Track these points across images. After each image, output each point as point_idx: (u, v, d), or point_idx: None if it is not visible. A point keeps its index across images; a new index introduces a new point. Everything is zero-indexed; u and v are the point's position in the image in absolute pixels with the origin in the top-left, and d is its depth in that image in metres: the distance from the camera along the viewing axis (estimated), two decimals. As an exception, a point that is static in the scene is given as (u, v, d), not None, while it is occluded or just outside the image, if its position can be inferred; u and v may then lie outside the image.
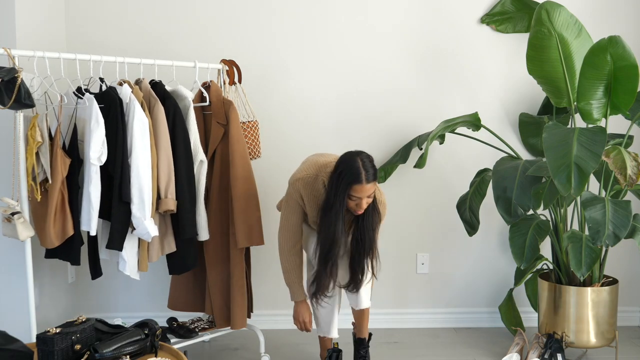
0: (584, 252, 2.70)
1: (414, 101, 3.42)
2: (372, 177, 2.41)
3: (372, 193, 2.43)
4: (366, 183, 2.39)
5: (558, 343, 2.84)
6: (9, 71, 2.21)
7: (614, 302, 2.91)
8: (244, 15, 3.35)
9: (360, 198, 2.41)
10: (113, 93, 2.48)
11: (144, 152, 2.48)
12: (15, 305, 2.79)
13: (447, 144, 3.40)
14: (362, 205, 2.43)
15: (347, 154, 2.48)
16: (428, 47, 3.41)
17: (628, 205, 2.63)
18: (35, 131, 2.35)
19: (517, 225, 2.92)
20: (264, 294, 3.43)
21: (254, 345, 3.16)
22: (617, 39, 2.66)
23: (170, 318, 2.95)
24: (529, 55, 2.97)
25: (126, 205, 2.48)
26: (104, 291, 3.44)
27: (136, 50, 3.29)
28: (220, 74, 3.01)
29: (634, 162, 2.61)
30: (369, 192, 2.41)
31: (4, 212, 2.36)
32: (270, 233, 3.07)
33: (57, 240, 2.42)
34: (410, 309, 3.53)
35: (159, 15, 3.34)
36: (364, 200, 2.43)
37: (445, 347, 3.21)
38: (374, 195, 2.47)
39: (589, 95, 2.81)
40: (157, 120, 2.55)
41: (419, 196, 3.48)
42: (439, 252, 3.51)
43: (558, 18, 2.87)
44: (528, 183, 2.85)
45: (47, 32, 3.10)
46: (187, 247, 2.70)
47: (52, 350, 1.83)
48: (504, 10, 3.35)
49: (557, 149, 2.58)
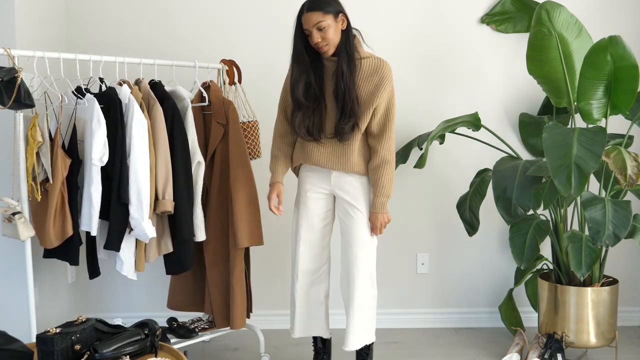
0: (584, 252, 2.70)
1: (414, 101, 3.42)
2: (312, 3, 2.39)
3: (319, 23, 2.38)
4: (307, 11, 2.39)
5: (558, 343, 2.84)
6: (8, 71, 2.21)
7: (614, 302, 2.91)
8: (244, 16, 3.35)
9: (310, 30, 2.40)
10: (112, 93, 2.48)
11: (142, 153, 2.47)
12: (15, 305, 2.79)
13: (447, 144, 3.40)
14: (314, 37, 2.40)
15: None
16: (428, 47, 3.41)
17: (628, 206, 2.63)
18: (36, 131, 2.35)
19: (517, 225, 2.92)
20: (264, 294, 3.43)
21: (254, 345, 3.15)
22: (617, 39, 2.66)
23: (170, 318, 2.95)
24: (529, 55, 2.97)
25: (124, 206, 2.48)
26: (103, 291, 3.44)
27: (136, 50, 3.29)
28: (220, 74, 3.01)
29: (634, 162, 2.61)
30: (314, 21, 2.38)
31: (4, 212, 2.36)
32: (270, 233, 3.07)
33: (57, 240, 2.42)
34: (410, 309, 3.53)
35: (159, 15, 3.34)
36: (315, 33, 2.40)
37: (445, 347, 3.21)
38: (330, 31, 2.40)
39: (589, 95, 2.81)
40: (156, 121, 2.55)
41: (419, 196, 3.48)
42: (439, 252, 3.51)
43: (558, 18, 2.87)
44: (528, 183, 2.85)
45: (47, 32, 3.10)
46: (184, 248, 2.70)
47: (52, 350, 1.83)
48: (504, 10, 3.35)
49: (557, 149, 2.58)
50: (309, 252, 2.64)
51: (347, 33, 2.47)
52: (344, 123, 2.45)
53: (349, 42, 2.46)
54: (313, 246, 2.64)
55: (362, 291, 2.57)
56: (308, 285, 2.66)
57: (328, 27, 2.40)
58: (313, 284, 2.67)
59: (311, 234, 2.63)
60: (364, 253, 2.56)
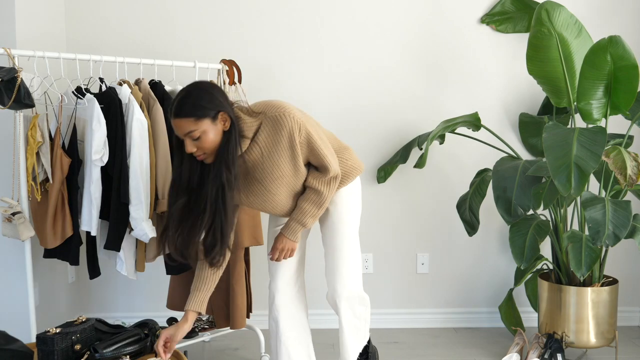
0: (584, 252, 2.70)
1: (414, 101, 3.42)
2: (181, 107, 1.90)
3: (191, 133, 1.91)
4: (174, 117, 1.92)
5: (558, 343, 2.84)
6: (8, 71, 2.22)
7: (614, 302, 2.91)
8: (244, 15, 3.35)
9: (181, 137, 1.95)
10: (112, 93, 2.48)
11: (142, 153, 2.48)
12: (15, 305, 2.79)
13: (447, 144, 3.40)
14: (187, 147, 1.93)
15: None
16: (428, 47, 3.41)
17: (628, 205, 2.63)
18: (36, 131, 2.35)
19: (517, 225, 2.92)
20: (264, 294, 3.43)
21: (254, 345, 3.16)
22: (617, 39, 2.66)
23: (170, 318, 2.95)
24: (529, 55, 2.97)
25: (124, 206, 2.48)
26: (104, 291, 3.44)
27: (136, 50, 3.29)
28: (220, 74, 3.01)
29: (634, 162, 2.61)
30: (184, 130, 1.91)
31: (4, 212, 2.36)
32: (270, 233, 3.07)
33: (57, 240, 2.42)
34: (410, 309, 3.53)
35: (159, 15, 3.34)
36: (188, 142, 1.93)
37: (445, 347, 3.21)
38: (207, 138, 1.92)
39: (589, 95, 2.81)
40: (156, 121, 2.55)
41: (419, 196, 3.48)
42: (439, 252, 3.51)
43: (558, 18, 2.87)
44: (528, 183, 2.85)
45: (47, 32, 3.10)
46: (186, 248, 2.70)
47: (52, 350, 1.83)
48: (504, 10, 3.35)
49: (557, 149, 2.58)
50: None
51: (229, 134, 1.96)
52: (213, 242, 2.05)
53: (229, 147, 1.96)
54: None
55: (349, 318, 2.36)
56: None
57: (204, 134, 1.92)
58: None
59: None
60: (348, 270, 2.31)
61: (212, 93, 1.95)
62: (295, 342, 2.36)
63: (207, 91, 1.95)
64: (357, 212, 2.36)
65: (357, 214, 2.36)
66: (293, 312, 2.37)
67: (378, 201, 3.44)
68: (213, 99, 1.94)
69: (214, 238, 2.03)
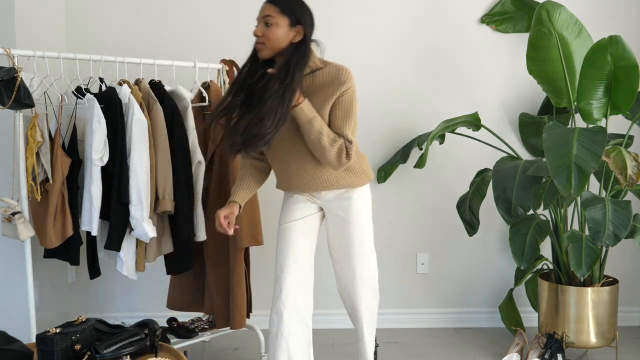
0: (584, 252, 2.70)
1: (414, 101, 3.42)
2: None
3: (268, 17, 2.12)
4: (266, 2, 2.16)
5: (558, 343, 2.84)
6: (8, 71, 2.21)
7: (614, 302, 2.91)
8: (244, 15, 3.35)
9: (258, 20, 2.17)
10: (112, 93, 2.48)
11: (142, 153, 2.48)
12: (15, 305, 2.79)
13: (447, 144, 3.40)
14: (256, 28, 2.15)
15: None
16: (428, 47, 3.41)
17: (628, 205, 2.63)
18: (36, 131, 2.35)
19: (517, 225, 2.92)
20: (264, 294, 3.42)
21: (254, 345, 3.16)
22: (617, 38, 2.66)
23: (170, 318, 2.95)
24: (529, 55, 2.97)
25: (124, 206, 2.48)
26: (104, 291, 3.44)
27: (136, 50, 3.29)
28: (220, 74, 3.01)
29: (634, 162, 2.61)
30: (265, 12, 2.14)
31: (4, 212, 2.36)
32: (270, 233, 3.07)
33: (57, 240, 2.42)
34: (410, 309, 3.53)
35: (159, 15, 3.34)
36: (260, 25, 2.15)
37: (445, 347, 3.21)
38: (276, 31, 2.12)
39: (589, 95, 2.81)
40: (156, 121, 2.55)
41: (419, 196, 3.48)
42: (439, 252, 3.51)
43: (558, 18, 2.87)
44: (528, 183, 2.85)
45: (47, 32, 3.10)
46: (185, 248, 2.70)
47: (52, 350, 1.83)
48: (504, 10, 3.35)
49: (557, 149, 2.58)
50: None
51: (297, 48, 2.16)
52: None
53: (294, 61, 2.13)
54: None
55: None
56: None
57: (276, 26, 2.13)
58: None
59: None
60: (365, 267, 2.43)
61: (307, 9, 2.20)
62: (297, 339, 2.35)
63: (305, 5, 2.20)
64: (371, 220, 2.45)
65: (371, 221, 2.45)
66: (298, 309, 2.35)
67: (378, 201, 3.43)
68: (304, 13, 2.18)
69: (262, 127, 2.11)
